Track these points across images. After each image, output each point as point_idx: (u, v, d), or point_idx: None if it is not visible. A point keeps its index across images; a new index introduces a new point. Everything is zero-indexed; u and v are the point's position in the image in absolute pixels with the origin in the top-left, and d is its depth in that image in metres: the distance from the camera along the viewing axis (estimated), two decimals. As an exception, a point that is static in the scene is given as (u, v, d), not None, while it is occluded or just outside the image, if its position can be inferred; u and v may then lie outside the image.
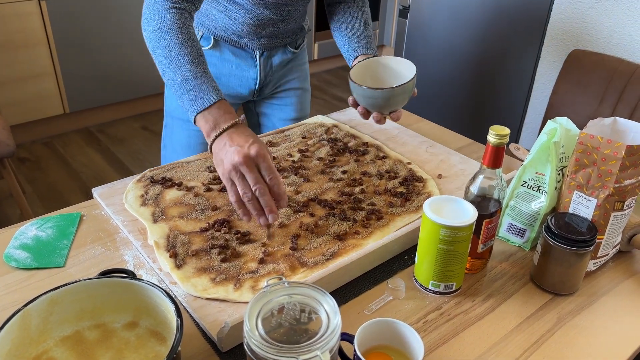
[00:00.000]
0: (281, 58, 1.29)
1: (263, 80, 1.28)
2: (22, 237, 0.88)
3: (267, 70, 1.28)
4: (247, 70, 1.25)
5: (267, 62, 1.26)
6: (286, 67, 1.32)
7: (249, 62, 1.24)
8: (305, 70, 1.40)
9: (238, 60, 1.24)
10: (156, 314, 0.70)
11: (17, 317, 0.63)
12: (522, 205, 0.87)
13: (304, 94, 1.40)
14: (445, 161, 1.14)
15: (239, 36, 1.20)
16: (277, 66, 1.29)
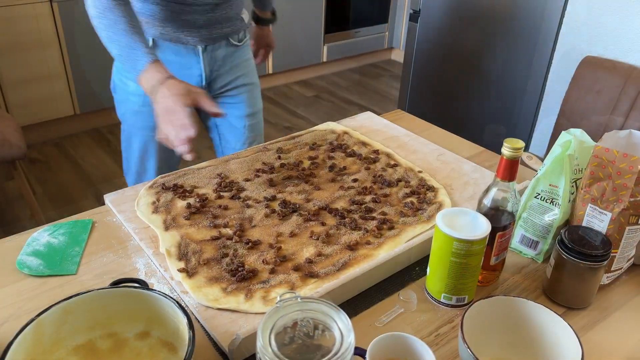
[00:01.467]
0: (225, 51, 1.30)
1: (209, 75, 1.30)
2: (34, 244, 0.88)
3: (212, 64, 1.29)
4: (191, 67, 1.26)
5: (212, 57, 1.28)
6: (232, 63, 1.34)
7: (192, 59, 1.26)
8: (251, 64, 1.43)
9: (181, 59, 1.25)
10: (168, 324, 0.70)
11: (31, 327, 0.64)
12: (535, 217, 0.87)
13: (254, 88, 1.43)
14: (456, 170, 1.13)
15: (178, 30, 1.21)
16: (222, 60, 1.31)
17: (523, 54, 2.00)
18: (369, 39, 4.25)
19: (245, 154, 1.15)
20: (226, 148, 1.46)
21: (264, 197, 0.99)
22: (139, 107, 1.28)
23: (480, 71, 2.17)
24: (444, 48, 2.29)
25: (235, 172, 1.08)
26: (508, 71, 2.07)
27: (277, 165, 1.11)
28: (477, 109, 2.25)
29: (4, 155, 1.88)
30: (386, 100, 3.74)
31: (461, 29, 2.19)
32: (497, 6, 2.03)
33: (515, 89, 2.07)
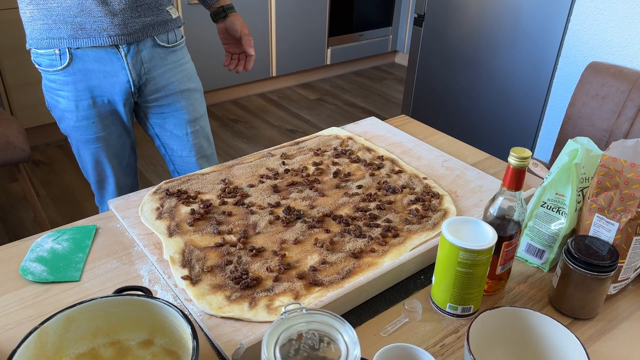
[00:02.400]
0: (151, 52, 1.24)
1: (137, 80, 1.24)
2: (38, 250, 0.88)
3: (139, 68, 1.23)
4: (116, 74, 1.21)
5: (136, 59, 1.21)
6: (164, 67, 1.27)
7: (115, 65, 1.20)
8: (188, 69, 1.35)
9: (104, 66, 1.19)
10: (172, 332, 0.69)
11: (34, 336, 0.63)
12: (541, 226, 0.86)
13: (192, 94, 1.36)
14: (461, 176, 1.13)
15: (92, 30, 1.14)
16: (150, 62, 1.24)
17: (528, 59, 2.00)
18: (373, 42, 4.25)
19: (249, 159, 1.15)
20: (174, 157, 1.41)
21: (268, 203, 0.99)
22: (75, 123, 1.25)
23: (485, 76, 2.17)
24: (448, 52, 2.28)
25: (239, 177, 1.08)
26: (513, 76, 2.07)
27: (281, 171, 1.10)
28: (481, 114, 2.24)
29: (8, 158, 1.88)
30: (390, 103, 3.74)
31: (466, 34, 2.18)
32: (502, 11, 2.02)
33: (520, 94, 2.07)
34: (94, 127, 1.26)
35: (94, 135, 1.27)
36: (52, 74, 1.20)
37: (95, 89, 1.22)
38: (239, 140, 3.11)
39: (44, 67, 1.21)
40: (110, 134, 1.29)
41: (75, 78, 1.20)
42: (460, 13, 2.18)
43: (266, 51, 3.58)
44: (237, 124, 3.31)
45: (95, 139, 1.28)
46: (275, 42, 3.59)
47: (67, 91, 1.21)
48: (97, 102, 1.23)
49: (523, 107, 2.06)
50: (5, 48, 2.58)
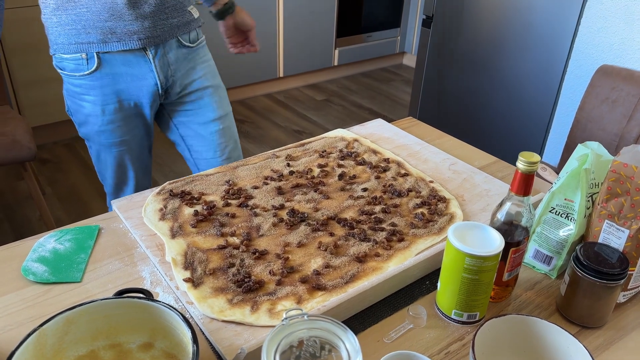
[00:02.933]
0: (177, 53, 1.24)
1: (164, 82, 1.24)
2: (40, 250, 0.87)
3: (166, 70, 1.23)
4: (144, 77, 1.21)
5: (163, 61, 1.21)
6: (187, 65, 1.27)
7: (143, 68, 1.20)
8: (211, 66, 1.34)
9: (131, 69, 1.19)
10: (172, 336, 0.68)
11: (33, 338, 0.63)
12: (549, 231, 0.84)
13: (217, 90, 1.34)
14: (468, 180, 1.11)
15: (123, 34, 1.14)
16: (175, 63, 1.24)
17: (537, 62, 1.98)
18: (381, 43, 4.23)
19: (254, 160, 1.14)
20: (199, 160, 1.38)
21: (272, 205, 0.98)
22: (100, 127, 1.24)
23: (493, 78, 2.15)
24: (457, 54, 2.27)
25: (243, 179, 1.07)
26: (522, 79, 2.05)
27: (286, 172, 1.09)
28: (489, 117, 2.22)
29: (15, 156, 1.88)
30: (397, 105, 3.72)
31: (474, 36, 2.16)
32: (512, 13, 2.00)
33: (529, 96, 2.05)
34: (118, 130, 1.25)
35: (118, 139, 1.26)
36: (77, 79, 1.19)
37: (123, 93, 1.21)
38: (246, 140, 3.11)
39: (69, 71, 1.19)
40: (134, 137, 1.29)
41: (102, 82, 1.18)
42: (469, 15, 2.16)
43: (273, 52, 3.57)
44: (243, 124, 3.30)
45: (119, 142, 1.27)
46: (283, 43, 3.59)
47: (93, 95, 1.20)
48: (124, 105, 1.22)
49: (532, 111, 2.04)
50: (14, 47, 2.59)
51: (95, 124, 1.23)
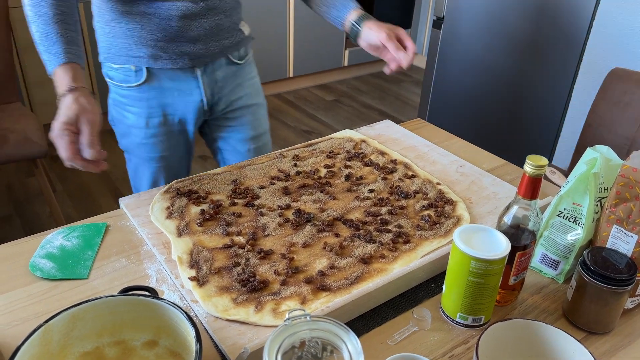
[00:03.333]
0: (225, 71, 1.21)
1: (210, 99, 1.21)
2: (48, 246, 0.88)
3: (213, 87, 1.20)
4: (190, 93, 1.18)
5: (211, 79, 1.19)
6: (234, 82, 1.24)
7: (191, 84, 1.17)
8: (256, 84, 1.32)
9: (179, 85, 1.17)
10: (176, 334, 0.69)
11: (39, 333, 0.63)
12: (556, 236, 0.84)
13: (258, 109, 1.32)
14: (476, 183, 1.10)
15: (174, 53, 1.12)
16: (223, 81, 1.22)
17: (548, 64, 1.96)
18: (391, 44, 4.22)
19: (261, 160, 1.14)
20: None
21: (278, 205, 0.98)
22: (141, 140, 1.21)
23: (504, 80, 2.13)
24: (467, 56, 2.25)
25: (250, 178, 1.07)
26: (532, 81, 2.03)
27: (292, 172, 1.09)
28: (499, 119, 2.21)
29: (26, 153, 1.90)
30: (406, 106, 3.71)
31: (485, 37, 2.15)
32: (523, 15, 1.99)
33: (539, 99, 2.03)
34: (160, 145, 1.22)
35: (158, 154, 1.23)
36: (124, 89, 1.17)
37: (168, 107, 1.19)
38: (255, 140, 3.11)
39: (117, 81, 1.17)
40: (174, 154, 1.26)
41: (149, 95, 1.16)
42: (480, 16, 2.15)
43: (284, 52, 3.57)
44: (253, 123, 3.31)
45: (158, 158, 1.24)
46: (293, 43, 3.59)
47: (138, 107, 1.18)
48: (168, 120, 1.20)
49: (542, 113, 2.03)
50: (27, 45, 2.61)
51: (138, 136, 1.21)
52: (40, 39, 0.95)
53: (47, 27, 0.94)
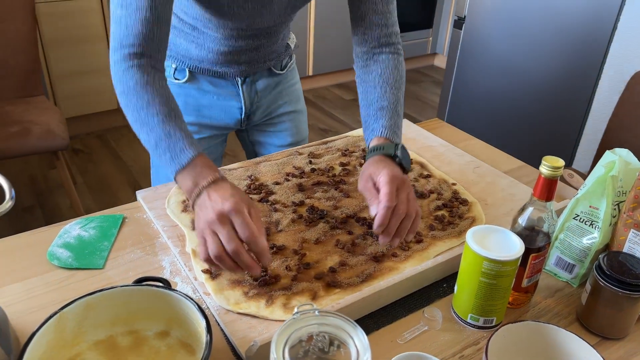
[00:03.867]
0: (266, 82, 1.19)
1: (249, 108, 1.19)
2: (66, 236, 0.90)
3: (252, 97, 1.18)
4: (229, 100, 1.16)
5: (251, 89, 1.17)
6: (274, 90, 1.21)
7: (230, 90, 1.15)
8: (297, 91, 1.28)
9: (218, 90, 1.15)
10: (188, 325, 0.70)
11: (53, 320, 0.65)
12: (572, 239, 0.83)
13: (298, 116, 1.29)
14: (492, 184, 1.10)
15: (215, 65, 1.11)
16: (263, 91, 1.19)
17: (571, 66, 1.93)
18: (412, 44, 4.20)
19: (277, 156, 1.15)
20: None
21: (292, 201, 0.99)
22: None
23: (525, 82, 2.11)
24: (488, 56, 2.23)
25: (265, 174, 1.08)
26: (554, 83, 2.00)
27: (307, 170, 1.10)
28: (519, 121, 2.18)
29: (48, 145, 1.94)
30: (426, 106, 3.69)
31: (506, 38, 2.13)
32: (545, 15, 1.96)
33: (560, 101, 2.00)
34: None
35: None
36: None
37: (204, 109, 1.16)
38: (272, 137, 3.12)
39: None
40: None
41: (187, 92, 1.14)
42: (502, 16, 2.12)
43: (303, 50, 3.58)
44: (271, 121, 3.33)
45: None
46: (313, 41, 3.60)
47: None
48: (202, 122, 1.18)
49: (563, 116, 2.00)
50: (51, 39, 2.66)
51: None
52: (156, 138, 0.81)
53: (166, 125, 0.81)
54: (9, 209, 0.59)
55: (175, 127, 0.81)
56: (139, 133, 0.83)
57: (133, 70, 0.82)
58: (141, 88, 0.82)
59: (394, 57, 1.01)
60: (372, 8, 0.99)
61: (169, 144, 0.80)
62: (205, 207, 0.73)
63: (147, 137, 0.81)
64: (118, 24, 0.83)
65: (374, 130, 0.92)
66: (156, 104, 0.81)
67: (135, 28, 0.82)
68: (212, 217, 0.72)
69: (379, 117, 0.93)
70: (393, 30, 1.02)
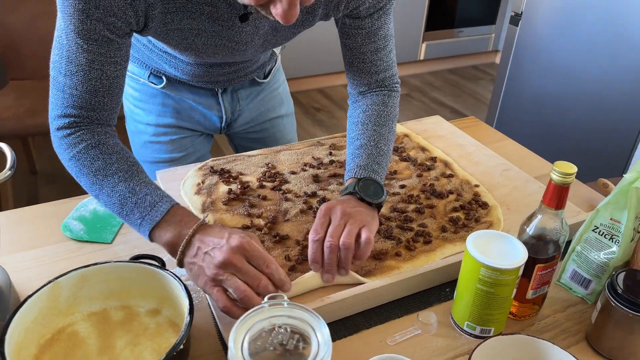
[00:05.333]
0: (249, 91, 1.15)
1: (230, 117, 1.15)
2: (82, 209, 0.93)
3: (234, 106, 1.14)
4: (209, 108, 1.12)
5: (232, 98, 1.13)
6: (257, 98, 1.17)
7: (210, 101, 1.11)
8: (279, 94, 1.22)
9: (198, 98, 1.10)
10: (177, 305, 0.70)
11: (47, 288, 0.67)
12: (590, 252, 0.77)
13: (283, 120, 1.24)
14: (519, 188, 1.04)
15: (192, 81, 1.06)
16: (245, 100, 1.15)
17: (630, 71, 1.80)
18: (473, 40, 4.07)
19: (298, 146, 1.14)
20: None
21: (305, 192, 0.98)
22: (149, 137, 1.12)
23: (580, 85, 1.99)
24: (543, 56, 2.12)
25: (283, 163, 1.07)
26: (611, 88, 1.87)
27: (326, 161, 1.08)
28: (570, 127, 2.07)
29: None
30: (481, 105, 3.57)
31: (564, 37, 2.01)
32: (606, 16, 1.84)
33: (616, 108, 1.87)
34: (167, 147, 1.14)
35: (166, 155, 1.14)
36: (139, 84, 1.09)
37: (184, 112, 1.12)
38: (318, 128, 3.12)
39: (131, 72, 1.09)
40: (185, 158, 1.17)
41: (164, 95, 1.10)
42: (560, 15, 2.01)
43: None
44: (319, 112, 3.32)
45: (166, 159, 1.15)
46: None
47: (151, 104, 1.10)
48: (182, 125, 1.13)
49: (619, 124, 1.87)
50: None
51: (146, 134, 1.13)
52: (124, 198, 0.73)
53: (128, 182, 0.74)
54: (9, 177, 0.61)
55: (139, 182, 0.74)
56: (97, 197, 0.76)
57: (80, 134, 0.76)
58: (92, 149, 0.75)
59: (385, 93, 0.96)
60: (359, 58, 0.93)
61: (136, 201, 0.73)
62: (206, 255, 0.67)
63: (109, 199, 0.74)
64: (61, 91, 0.75)
65: (349, 171, 0.87)
66: (113, 163, 0.75)
67: (82, 99, 0.74)
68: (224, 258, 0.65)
69: (355, 157, 0.88)
70: (386, 75, 0.96)
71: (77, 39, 0.70)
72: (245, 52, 0.90)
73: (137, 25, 0.74)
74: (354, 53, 0.93)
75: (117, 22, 0.71)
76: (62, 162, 0.78)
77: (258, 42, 0.89)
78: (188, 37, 0.81)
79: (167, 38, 0.81)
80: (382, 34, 0.92)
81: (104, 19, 0.69)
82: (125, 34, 0.74)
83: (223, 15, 0.79)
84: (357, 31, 0.90)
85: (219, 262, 0.66)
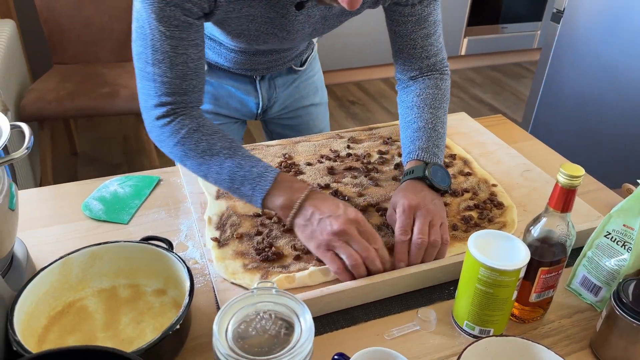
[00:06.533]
0: (285, 79, 1.17)
1: (266, 103, 1.18)
2: (103, 190, 0.97)
3: (271, 93, 1.17)
4: (247, 94, 1.15)
5: (269, 85, 1.16)
6: (292, 85, 1.19)
7: (248, 87, 1.14)
8: (314, 82, 1.24)
9: (236, 84, 1.13)
10: (181, 286, 0.73)
11: (59, 263, 0.71)
12: (601, 258, 0.75)
13: (317, 108, 1.26)
14: (539, 190, 1.01)
15: (232, 68, 1.09)
16: (282, 86, 1.18)
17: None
18: (517, 36, 3.96)
19: (317, 138, 1.15)
20: None
21: (318, 184, 0.98)
22: None
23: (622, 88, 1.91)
24: (584, 55, 2.05)
25: (301, 154, 1.08)
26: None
27: (343, 154, 1.08)
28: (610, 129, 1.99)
29: (132, 107, 2.09)
30: (522, 103, 3.48)
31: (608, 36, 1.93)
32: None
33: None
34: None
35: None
36: None
37: (222, 99, 1.15)
38: (352, 121, 3.12)
39: None
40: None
41: (206, 84, 1.12)
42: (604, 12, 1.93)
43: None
44: (354, 105, 3.31)
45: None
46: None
47: None
48: (220, 112, 1.16)
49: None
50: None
51: None
52: (233, 173, 0.80)
53: (234, 158, 0.81)
54: (24, 156, 0.65)
55: (243, 156, 0.81)
56: (206, 176, 0.83)
57: (179, 120, 0.82)
58: (195, 132, 0.81)
59: (437, 77, 0.98)
60: (409, 44, 0.95)
61: (244, 175, 0.79)
62: (321, 220, 0.75)
63: (218, 176, 0.81)
64: (152, 81, 0.80)
65: (410, 152, 0.91)
66: (216, 143, 0.81)
67: (174, 85, 0.79)
68: (340, 227, 0.73)
69: (414, 139, 0.91)
70: (437, 59, 0.98)
71: (160, 26, 0.75)
72: (295, 40, 0.94)
73: (209, 9, 0.79)
74: (405, 40, 0.95)
75: (192, 7, 0.76)
76: (163, 150, 0.84)
77: (307, 31, 0.92)
78: (243, 24, 0.85)
79: (224, 24, 0.86)
80: (432, 19, 0.94)
81: (181, 4, 0.74)
82: (199, 17, 0.79)
83: (280, 2, 0.82)
84: (407, 18, 0.92)
85: (335, 230, 0.73)
